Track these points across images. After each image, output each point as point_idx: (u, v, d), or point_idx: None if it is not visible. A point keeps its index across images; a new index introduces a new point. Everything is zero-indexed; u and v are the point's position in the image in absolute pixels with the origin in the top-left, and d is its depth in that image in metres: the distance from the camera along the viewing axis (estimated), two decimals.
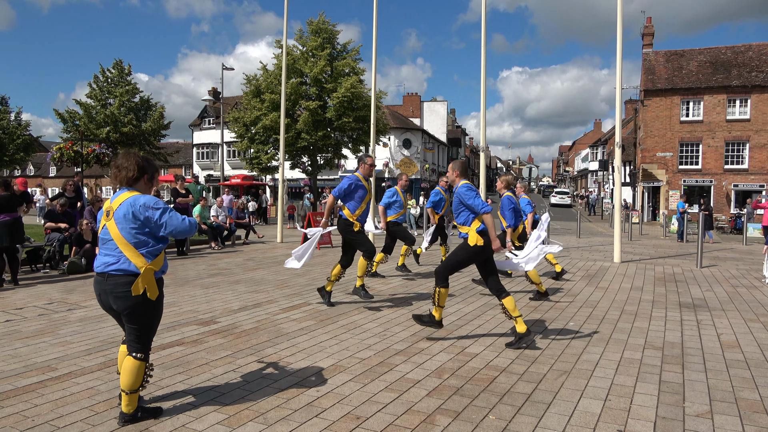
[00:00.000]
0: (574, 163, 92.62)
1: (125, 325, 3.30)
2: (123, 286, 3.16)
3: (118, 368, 3.45)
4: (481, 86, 12.79)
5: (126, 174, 3.27)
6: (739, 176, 30.40)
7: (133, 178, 3.29)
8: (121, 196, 3.26)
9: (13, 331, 5.47)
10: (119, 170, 3.29)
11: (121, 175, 3.28)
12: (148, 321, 3.28)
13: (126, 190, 3.29)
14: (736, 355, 4.83)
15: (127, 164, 3.29)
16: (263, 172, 27.86)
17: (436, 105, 60.63)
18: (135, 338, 3.27)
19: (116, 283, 3.17)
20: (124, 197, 3.23)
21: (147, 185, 3.36)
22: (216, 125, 47.45)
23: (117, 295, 3.18)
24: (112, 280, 3.18)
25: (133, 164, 3.29)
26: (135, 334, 3.26)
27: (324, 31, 25.85)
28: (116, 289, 3.17)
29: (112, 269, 3.18)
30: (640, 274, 9.68)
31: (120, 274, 3.17)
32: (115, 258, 3.19)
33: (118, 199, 3.24)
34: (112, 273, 3.18)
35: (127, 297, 3.16)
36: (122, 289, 3.16)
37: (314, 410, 3.54)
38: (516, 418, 3.44)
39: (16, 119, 38.88)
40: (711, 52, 32.86)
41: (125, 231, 3.17)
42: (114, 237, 3.19)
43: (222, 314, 6.26)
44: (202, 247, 13.55)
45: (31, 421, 3.33)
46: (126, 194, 3.26)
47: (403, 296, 7.41)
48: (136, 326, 3.25)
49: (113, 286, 3.18)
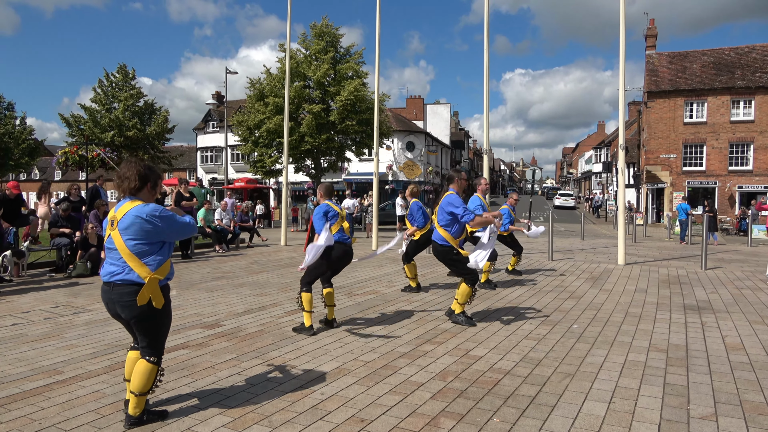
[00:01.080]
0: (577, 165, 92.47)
1: (136, 333, 3.33)
2: (128, 296, 3.18)
3: (125, 375, 3.46)
4: (484, 88, 12.82)
5: (128, 184, 3.27)
6: (743, 178, 30.31)
7: (136, 188, 3.28)
8: (124, 206, 3.26)
9: (19, 335, 5.50)
10: (122, 180, 3.29)
11: (124, 185, 3.28)
12: (157, 328, 3.31)
13: (129, 199, 3.29)
14: (740, 358, 4.82)
15: (129, 174, 3.28)
16: (267, 175, 27.93)
17: (439, 107, 60.68)
18: (147, 344, 3.30)
19: (121, 293, 3.20)
20: (128, 207, 3.24)
21: (150, 193, 3.36)
22: (220, 129, 47.62)
23: (123, 304, 3.20)
24: (117, 290, 3.21)
25: (134, 174, 3.28)
26: (146, 341, 3.30)
27: (327, 34, 25.93)
28: (122, 299, 3.20)
29: (117, 279, 3.20)
30: (644, 276, 9.66)
31: (124, 284, 3.19)
32: (120, 268, 3.21)
33: (122, 209, 3.25)
34: (117, 283, 3.21)
35: (132, 306, 3.18)
36: (128, 299, 3.18)
37: (319, 413, 3.55)
38: (520, 421, 3.44)
39: (21, 124, 39.08)
40: (714, 53, 32.81)
41: (129, 242, 3.18)
42: (118, 247, 3.20)
43: (226, 317, 6.28)
44: (206, 251, 13.59)
45: (38, 424, 3.35)
46: (129, 204, 3.26)
47: (407, 301, 7.41)
48: (146, 333, 3.28)
49: (119, 295, 3.20)
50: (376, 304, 7.03)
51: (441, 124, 59.29)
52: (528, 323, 6.04)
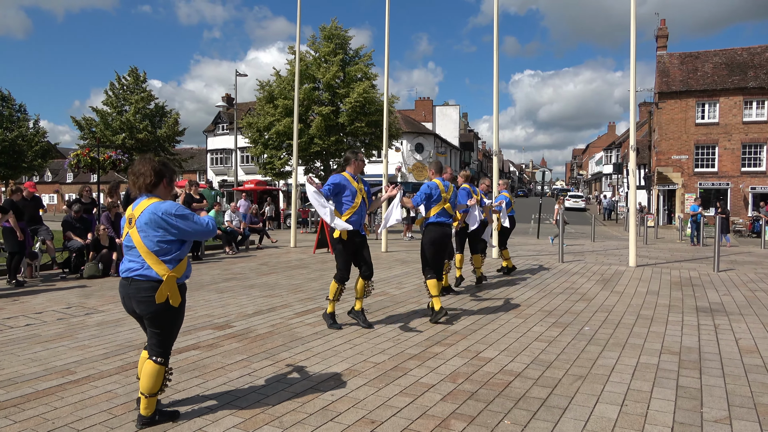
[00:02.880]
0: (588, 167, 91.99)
1: (147, 329, 3.34)
2: (146, 291, 3.20)
3: (138, 373, 3.49)
4: (493, 90, 12.79)
5: (144, 180, 3.27)
6: (756, 179, 29.98)
7: (152, 183, 3.28)
8: (142, 204, 3.26)
9: (33, 335, 5.56)
10: (137, 177, 3.28)
11: (140, 182, 3.28)
12: (169, 326, 3.32)
13: (146, 197, 3.30)
14: (754, 360, 4.77)
15: (144, 170, 3.27)
16: (277, 177, 28.00)
17: (449, 109, 60.58)
18: (156, 342, 3.31)
19: (139, 288, 3.21)
20: (146, 204, 3.24)
21: (166, 189, 3.36)
22: (230, 131, 47.83)
23: (140, 299, 3.22)
24: (135, 285, 3.23)
25: (149, 170, 3.27)
26: (156, 338, 3.31)
27: (336, 36, 25.98)
28: (139, 294, 3.21)
29: (135, 274, 3.22)
30: (655, 278, 9.58)
31: (143, 280, 3.21)
32: (139, 264, 3.23)
33: (140, 207, 3.25)
34: (135, 278, 3.22)
35: (149, 302, 3.20)
36: (145, 294, 3.20)
37: (329, 414, 3.55)
38: (531, 423, 3.42)
39: (34, 126, 39.52)
40: (726, 53, 32.52)
41: (147, 239, 3.19)
42: (137, 245, 3.21)
43: (237, 318, 6.30)
44: (216, 252, 13.66)
45: (51, 424, 3.38)
46: (147, 201, 3.26)
47: (417, 301, 7.40)
48: (158, 330, 3.29)
49: (136, 290, 3.22)
50: (386, 306, 7.03)
51: (450, 126, 59.19)
52: (538, 325, 6.01)
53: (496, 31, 12.66)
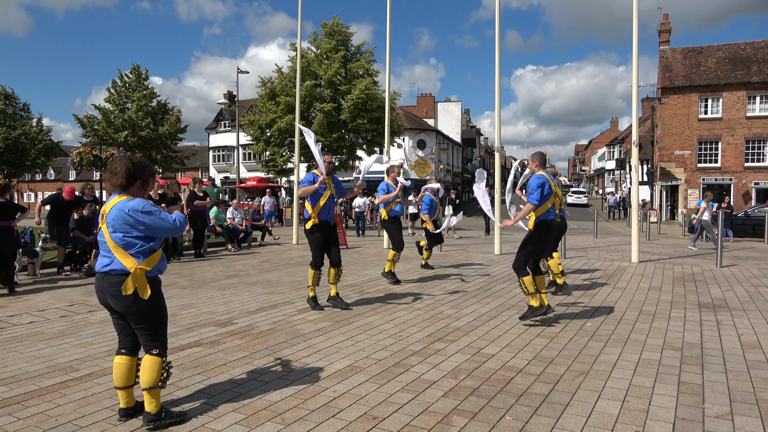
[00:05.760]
0: (590, 163, 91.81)
1: (135, 330, 3.35)
2: (115, 285, 3.25)
3: (115, 382, 3.40)
4: (495, 85, 12.76)
5: (116, 181, 3.33)
6: (759, 174, 29.89)
7: (123, 185, 3.33)
8: (112, 201, 3.33)
9: (36, 333, 5.58)
10: (111, 175, 3.36)
11: (113, 181, 3.35)
12: (151, 320, 3.33)
13: (117, 194, 3.35)
14: (757, 356, 4.76)
15: (118, 170, 3.33)
16: (279, 174, 28.03)
17: (450, 105, 60.51)
18: (147, 338, 3.33)
19: (110, 282, 3.27)
20: (115, 201, 3.31)
21: (140, 190, 3.41)
22: (232, 128, 47.90)
23: (111, 293, 3.27)
24: (107, 279, 3.29)
25: (122, 171, 3.32)
26: (145, 334, 3.32)
27: (338, 33, 25.94)
28: (110, 288, 3.27)
29: (107, 269, 3.29)
30: (658, 274, 9.57)
31: (113, 274, 3.27)
32: (109, 259, 3.29)
33: (110, 204, 3.32)
34: (107, 272, 3.29)
35: (118, 295, 3.24)
36: (115, 288, 3.26)
37: (331, 410, 3.56)
38: (533, 419, 3.43)
39: (37, 125, 39.61)
40: (730, 48, 32.37)
41: (113, 234, 3.25)
42: (106, 240, 3.29)
43: (239, 315, 6.32)
44: (218, 249, 13.69)
45: (54, 421, 3.40)
46: (117, 198, 3.32)
47: (419, 297, 7.41)
48: (142, 326, 3.31)
49: (108, 284, 3.28)
50: (388, 302, 7.04)
51: (452, 122, 59.13)
52: (540, 321, 6.01)
53: (497, 28, 12.63)
